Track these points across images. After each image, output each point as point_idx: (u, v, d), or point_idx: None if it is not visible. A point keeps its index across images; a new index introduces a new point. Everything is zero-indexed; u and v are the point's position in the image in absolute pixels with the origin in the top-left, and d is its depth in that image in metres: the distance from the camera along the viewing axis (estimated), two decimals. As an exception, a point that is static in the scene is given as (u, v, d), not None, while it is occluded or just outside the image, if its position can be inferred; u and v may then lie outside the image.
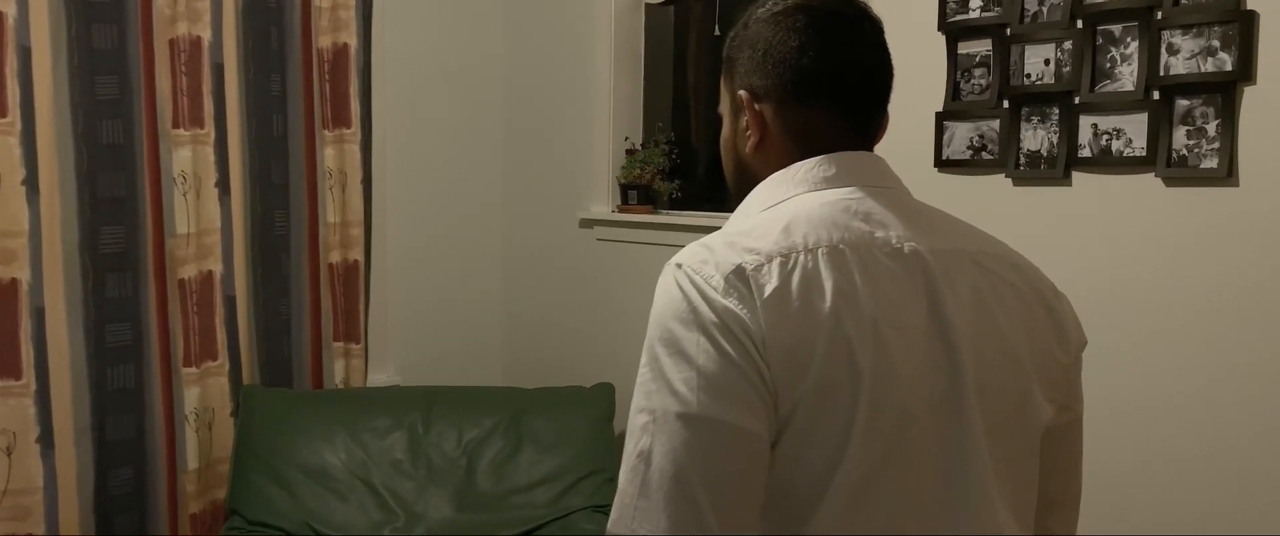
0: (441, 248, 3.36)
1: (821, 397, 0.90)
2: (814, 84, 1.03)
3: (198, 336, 2.77)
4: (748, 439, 0.88)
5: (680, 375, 0.89)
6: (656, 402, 0.90)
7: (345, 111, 3.02)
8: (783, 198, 1.01)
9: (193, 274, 2.76)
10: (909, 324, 0.94)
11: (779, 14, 1.05)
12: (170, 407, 2.74)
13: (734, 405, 0.88)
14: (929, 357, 0.94)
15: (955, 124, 2.30)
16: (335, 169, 3.02)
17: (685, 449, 0.88)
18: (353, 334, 3.09)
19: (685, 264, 0.95)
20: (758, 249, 0.94)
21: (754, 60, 1.06)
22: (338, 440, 2.71)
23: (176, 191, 2.71)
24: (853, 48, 1.04)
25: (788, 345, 0.89)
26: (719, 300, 0.90)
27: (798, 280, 0.91)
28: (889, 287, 0.94)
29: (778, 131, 1.05)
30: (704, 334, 0.89)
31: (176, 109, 2.70)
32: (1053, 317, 1.03)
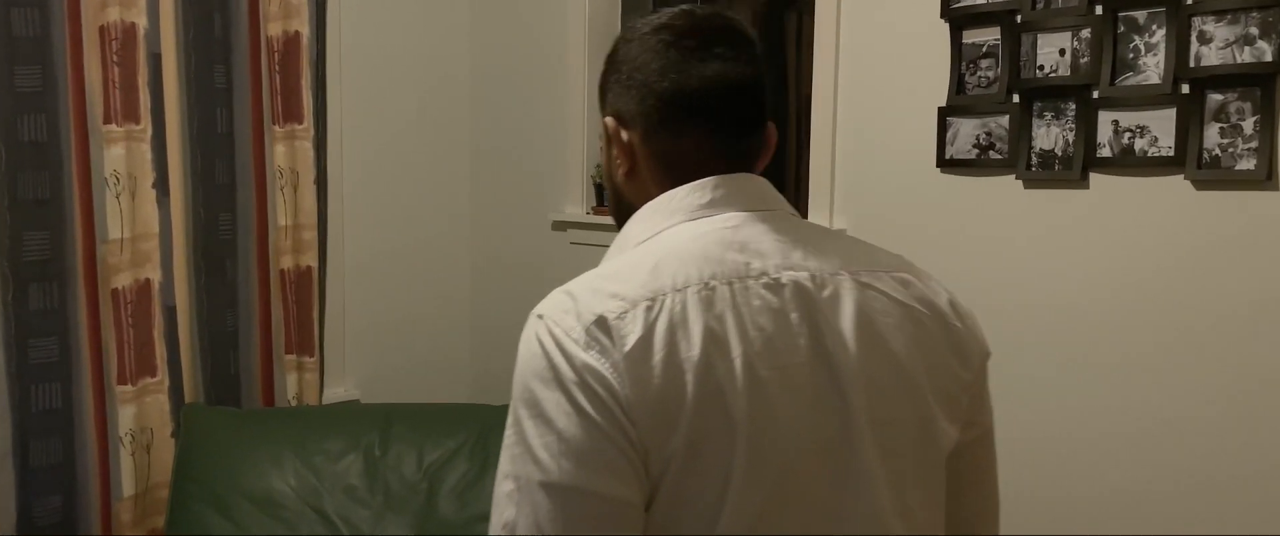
0: (403, 252, 3.14)
1: (694, 454, 0.85)
2: (680, 106, 0.97)
3: (133, 351, 2.54)
4: (615, 507, 0.84)
5: (541, 440, 0.85)
6: (520, 469, 0.85)
7: (297, 105, 2.79)
8: (656, 230, 0.96)
9: (128, 283, 2.53)
10: (791, 362, 0.89)
11: (644, 35, 1.00)
12: (103, 429, 2.51)
13: (598, 472, 0.84)
14: (815, 396, 0.90)
15: (960, 120, 2.11)
16: (286, 167, 2.79)
17: (549, 521, 0.83)
18: (306, 346, 2.86)
19: (546, 315, 0.89)
20: (622, 294, 0.88)
21: (620, 84, 1.01)
22: (287, 463, 2.49)
23: (108, 193, 2.48)
24: (720, 65, 0.97)
25: (654, 400, 0.84)
26: (579, 356, 0.85)
27: (663, 327, 0.86)
28: (767, 324, 0.89)
29: (647, 158, 1.00)
30: (564, 394, 0.85)
31: (108, 102, 2.46)
32: (950, 334, 0.97)
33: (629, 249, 0.97)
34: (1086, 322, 1.96)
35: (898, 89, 2.20)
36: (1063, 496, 2.02)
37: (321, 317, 2.92)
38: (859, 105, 2.27)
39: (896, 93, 2.20)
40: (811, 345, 0.90)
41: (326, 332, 2.96)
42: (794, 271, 0.92)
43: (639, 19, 1.03)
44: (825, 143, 2.33)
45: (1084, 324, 1.97)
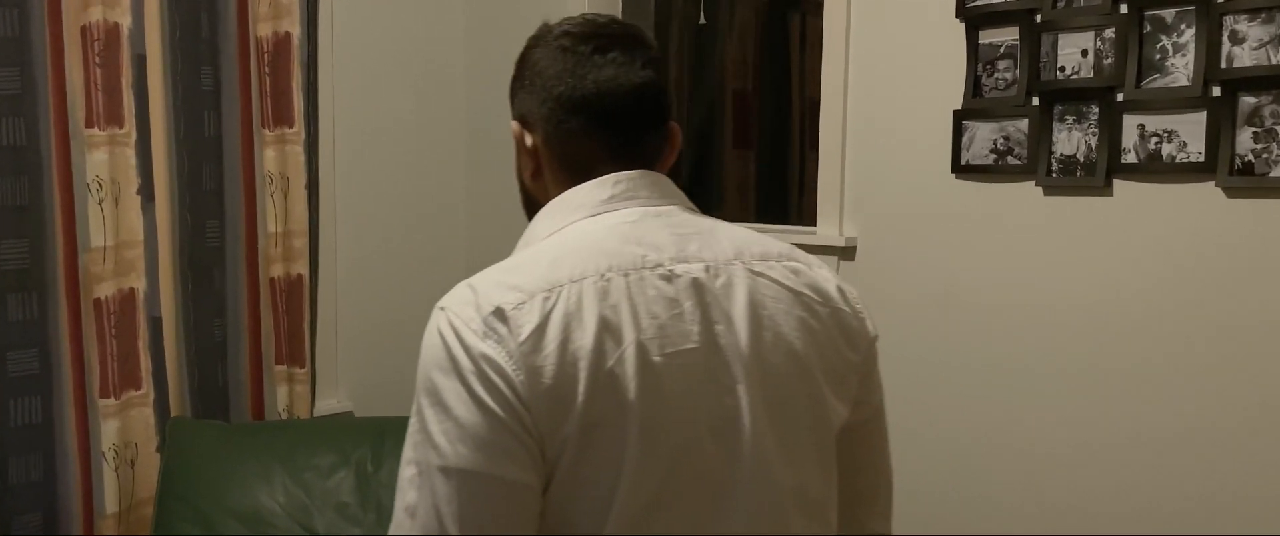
0: (397, 260, 3.05)
1: (589, 438, 0.89)
2: (575, 108, 1.02)
3: (117, 363, 2.45)
4: (512, 490, 0.88)
5: (440, 426, 0.88)
6: (420, 455, 0.89)
7: (287, 108, 2.70)
8: (559, 226, 1.01)
9: (111, 292, 2.44)
10: (683, 347, 0.93)
11: (545, 41, 1.06)
12: (85, 444, 2.41)
13: (495, 456, 0.87)
14: (708, 379, 0.94)
15: (976, 124, 2.02)
16: (276, 172, 2.70)
17: (447, 503, 0.87)
18: (297, 357, 2.77)
19: (448, 307, 0.94)
20: (521, 286, 0.93)
21: (524, 89, 1.07)
22: (276, 480, 2.40)
23: (91, 199, 2.39)
24: (614, 70, 1.02)
25: (548, 386, 0.88)
26: (477, 345, 0.89)
27: (559, 316, 0.91)
28: (661, 313, 0.93)
29: (548, 159, 1.05)
30: (462, 382, 0.89)
31: (90, 105, 2.37)
32: (839, 318, 1.02)
33: (534, 244, 1.02)
34: (1110, 335, 1.88)
35: (911, 91, 2.11)
36: (1081, 507, 1.94)
37: (313, 327, 2.83)
38: (870, 108, 2.19)
39: (910, 95, 2.12)
40: (704, 331, 0.94)
41: (318, 343, 2.87)
42: (688, 263, 0.97)
43: (546, 25, 1.09)
44: (834, 147, 2.24)
45: (1107, 336, 1.88)
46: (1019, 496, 2.00)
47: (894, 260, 2.15)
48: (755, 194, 3.42)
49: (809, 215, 2.70)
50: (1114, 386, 1.88)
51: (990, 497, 2.05)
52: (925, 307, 2.11)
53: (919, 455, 2.11)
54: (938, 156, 2.07)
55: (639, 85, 1.03)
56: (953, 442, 2.09)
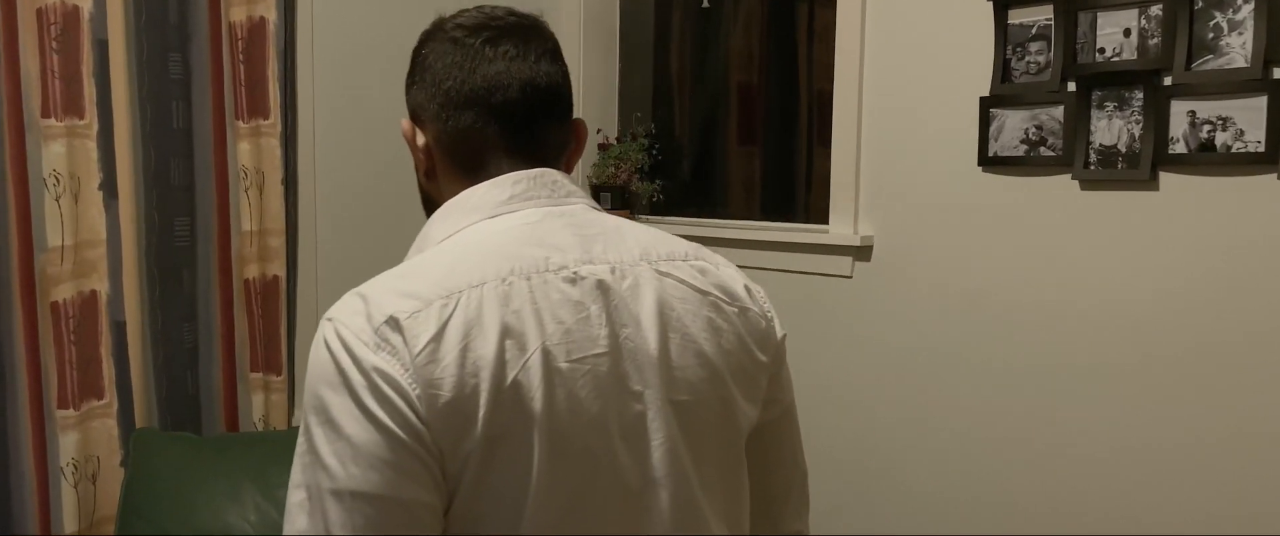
0: (381, 260, 2.87)
1: (493, 451, 0.84)
2: (469, 103, 0.97)
3: (76, 371, 2.28)
4: (411, 511, 0.83)
5: (330, 447, 0.83)
6: (309, 478, 0.83)
7: (263, 98, 2.53)
8: (456, 228, 0.96)
9: (70, 295, 2.27)
10: (590, 352, 0.90)
11: (438, 34, 1.02)
12: (42, 458, 2.24)
13: (392, 477, 0.82)
14: (616, 385, 0.90)
15: (1005, 112, 1.85)
16: (251, 167, 2.53)
17: (341, 528, 0.81)
18: (273, 363, 2.60)
19: (335, 318, 0.87)
20: (417, 293, 0.87)
21: (417, 85, 1.02)
22: (246, 497, 2.23)
23: (47, 195, 2.22)
24: (505, 63, 0.97)
25: (448, 400, 0.83)
26: (369, 358, 0.83)
27: (457, 325, 0.85)
28: (567, 317, 0.89)
29: (441, 157, 1.01)
30: (353, 398, 0.83)
31: (47, 94, 2.21)
32: (747, 319, 0.99)
33: (429, 247, 0.97)
34: (1156, 341, 1.70)
35: (933, 77, 1.94)
36: (1123, 512, 1.77)
37: (291, 332, 2.66)
38: (887, 97, 2.02)
39: (931, 82, 1.94)
40: (611, 335, 0.91)
41: (297, 349, 2.70)
42: (593, 264, 0.92)
43: (440, 17, 1.04)
44: (848, 141, 2.07)
45: (1153, 343, 1.71)
46: (1053, 506, 1.83)
47: (914, 261, 1.98)
48: (761, 191, 3.26)
49: (818, 213, 2.53)
50: (1158, 396, 1.71)
51: (1024, 507, 1.88)
52: (949, 312, 1.93)
53: (945, 466, 1.94)
54: (963, 148, 1.90)
55: (532, 77, 0.98)
56: (980, 455, 1.92)
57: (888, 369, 2.02)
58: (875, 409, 2.05)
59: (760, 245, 2.25)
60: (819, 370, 2.15)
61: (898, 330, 2.00)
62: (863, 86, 2.05)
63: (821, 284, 2.12)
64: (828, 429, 2.14)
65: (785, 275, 2.20)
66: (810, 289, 2.15)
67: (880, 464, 2.05)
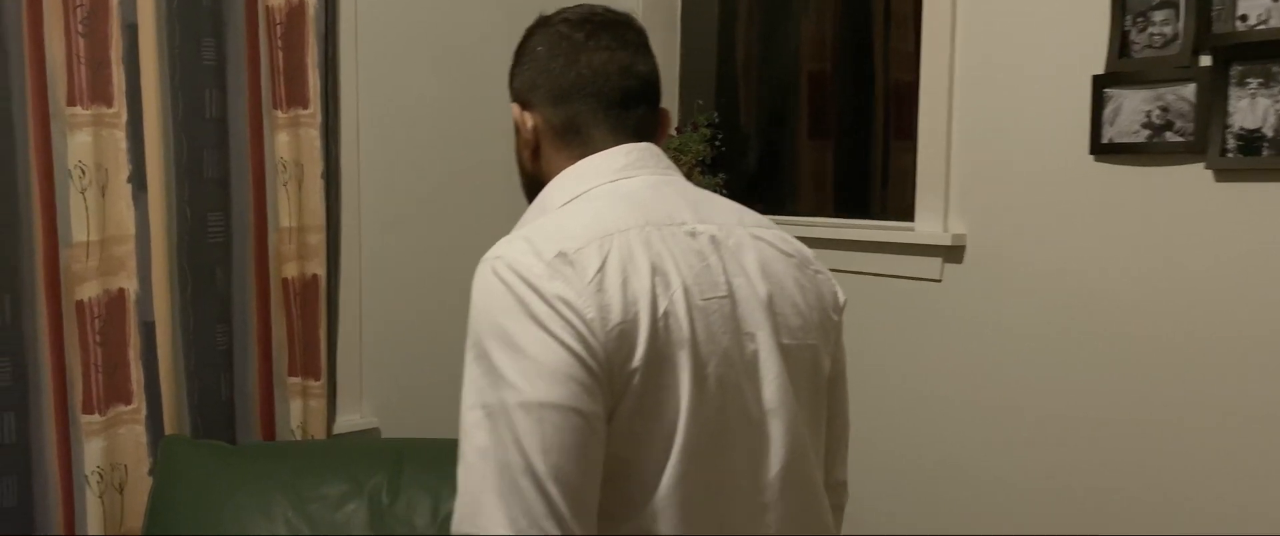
0: (427, 258, 2.72)
1: (651, 372, 0.95)
2: (577, 89, 1.10)
3: (102, 374, 2.16)
4: (589, 423, 0.91)
5: (513, 366, 0.91)
6: (490, 397, 0.91)
7: (302, 87, 2.39)
8: (579, 191, 1.07)
9: (95, 293, 2.14)
10: (715, 295, 1.01)
11: (543, 30, 1.14)
12: (67, 466, 2.12)
13: (574, 389, 0.91)
14: (735, 325, 1.02)
15: (1123, 92, 1.61)
16: (289, 159, 2.39)
17: (529, 437, 0.89)
18: (312, 368, 2.45)
19: (503, 257, 0.97)
20: (574, 235, 0.98)
21: (525, 74, 1.14)
22: (277, 511, 2.08)
23: (72, 187, 2.10)
24: (606, 54, 1.11)
25: (616, 323, 0.93)
26: (547, 285, 0.93)
27: (615, 261, 0.96)
28: (693, 263, 1.01)
29: (549, 137, 1.13)
30: (535, 322, 0.92)
31: (73, 81, 2.09)
32: (818, 282, 1.12)
33: (553, 211, 1.06)
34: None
35: (1036, 55, 1.71)
36: None
37: (331, 335, 2.52)
38: (982, 80, 1.78)
39: (1034, 60, 1.71)
40: (728, 282, 1.02)
41: (338, 352, 2.55)
42: (704, 224, 1.05)
43: (542, 16, 1.17)
44: (937, 130, 1.84)
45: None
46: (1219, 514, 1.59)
47: (1014, 262, 1.74)
48: (833, 187, 3.04)
49: (894, 209, 2.31)
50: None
51: None
52: (1054, 321, 1.69)
53: (1042, 499, 1.71)
54: (1071, 134, 1.66)
55: (630, 66, 1.12)
56: (1084, 492, 1.68)
57: (981, 384, 1.79)
58: (966, 426, 1.82)
59: (838, 244, 2.03)
60: (903, 383, 1.92)
61: (993, 340, 1.77)
62: (954, 68, 1.83)
63: (906, 287, 1.90)
64: (913, 444, 1.92)
65: (865, 278, 1.98)
66: (894, 292, 1.92)
67: (970, 490, 1.82)
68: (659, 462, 0.96)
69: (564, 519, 0.90)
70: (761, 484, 1.05)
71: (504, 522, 0.89)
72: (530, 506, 0.89)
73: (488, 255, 0.99)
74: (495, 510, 0.89)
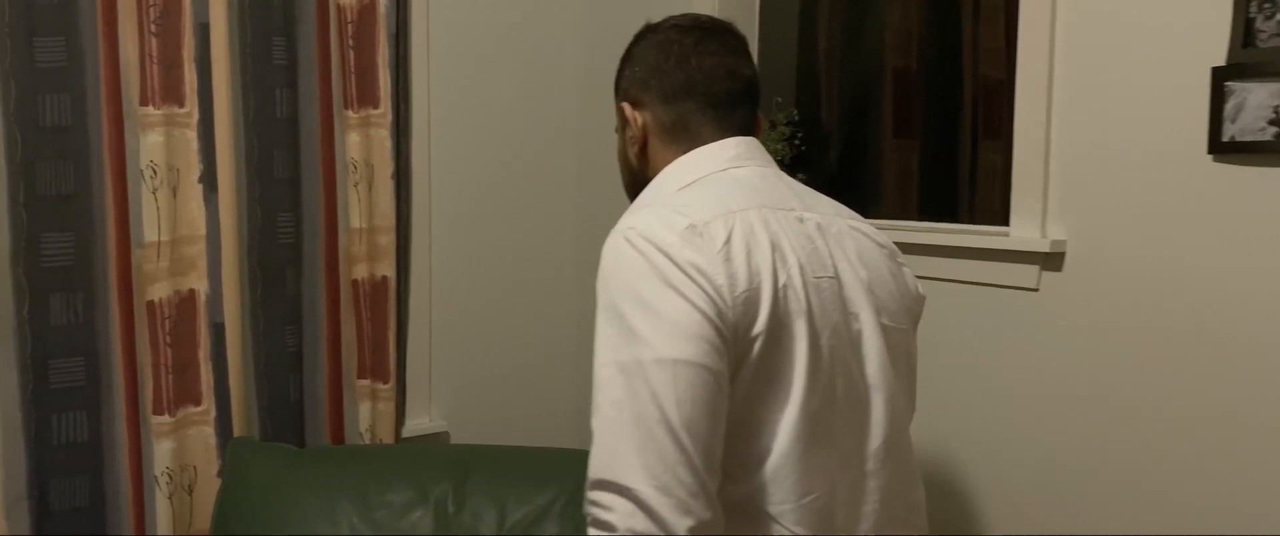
0: (498, 260, 2.67)
1: (772, 338, 1.03)
2: (686, 89, 1.20)
3: (172, 375, 2.15)
4: (718, 381, 0.99)
5: (648, 325, 0.98)
6: (625, 354, 0.98)
7: (373, 86, 2.36)
8: (697, 177, 1.16)
9: (166, 294, 2.14)
10: (825, 274, 1.11)
11: (653, 35, 1.26)
12: (138, 466, 2.12)
13: (705, 347, 0.98)
14: (842, 304, 1.11)
15: (1247, 85, 1.46)
16: (360, 160, 2.36)
17: (664, 390, 0.96)
18: (381, 371, 2.42)
19: (635, 228, 1.05)
20: (699, 212, 1.07)
21: (635, 77, 1.25)
22: (342, 517, 2.05)
23: (144, 187, 2.10)
24: (715, 58, 1.21)
25: (743, 290, 1.02)
26: (681, 252, 1.02)
27: (739, 234, 1.05)
28: (804, 244, 1.11)
29: (659, 133, 1.22)
30: (668, 286, 1.00)
31: (145, 81, 2.08)
32: (904, 274, 1.24)
33: (669, 195, 1.14)
34: None
35: (1146, 47, 1.57)
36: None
37: (401, 337, 2.48)
38: (1084, 74, 1.65)
39: (1144, 52, 1.57)
40: (834, 264, 1.13)
41: (408, 355, 2.52)
42: (810, 212, 1.16)
43: (649, 24, 1.27)
44: (1035, 128, 1.71)
45: None
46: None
47: (1119, 271, 1.61)
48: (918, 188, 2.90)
49: (981, 212, 2.18)
50: None
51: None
52: (1167, 333, 1.55)
53: None
54: (1187, 132, 1.51)
55: (735, 70, 1.22)
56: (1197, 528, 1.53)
57: (1082, 403, 1.66)
58: (1063, 449, 1.69)
59: (924, 249, 1.91)
60: (995, 397, 1.80)
61: (1096, 354, 1.63)
62: (1054, 62, 1.69)
63: (1000, 296, 1.77)
64: (1007, 462, 1.79)
65: (954, 285, 1.85)
66: (985, 301, 1.80)
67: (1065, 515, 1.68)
68: (775, 425, 1.03)
69: (696, 467, 0.95)
70: (865, 453, 1.12)
71: (639, 468, 0.94)
72: (664, 453, 0.95)
73: (618, 227, 1.07)
74: (631, 457, 0.95)
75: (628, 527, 0.94)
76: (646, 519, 0.94)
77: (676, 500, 0.94)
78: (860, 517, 1.11)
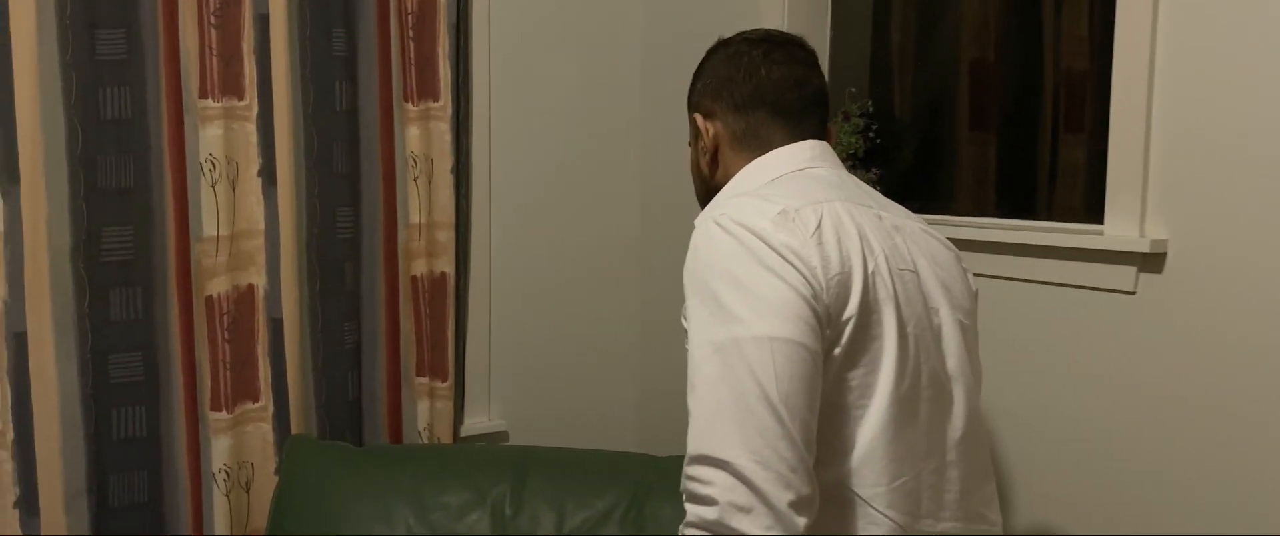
0: (560, 258, 2.61)
1: (862, 322, 1.05)
2: (758, 99, 1.23)
3: (230, 371, 2.13)
4: (814, 359, 1.00)
5: (744, 304, 1.00)
6: (720, 333, 1.00)
7: (433, 79, 2.31)
8: (777, 175, 1.18)
9: (225, 289, 2.12)
10: (907, 268, 1.13)
11: (725, 46, 1.29)
12: (196, 463, 2.10)
13: (801, 326, 1.00)
14: (923, 299, 1.14)
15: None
16: (419, 154, 2.31)
17: (762, 367, 0.97)
18: (439, 369, 2.38)
19: (727, 214, 1.07)
20: (789, 199, 1.09)
21: (708, 88, 1.28)
22: (398, 518, 2.00)
23: (203, 181, 2.07)
24: (784, 69, 1.23)
25: (835, 273, 1.04)
26: (773, 234, 1.03)
27: (829, 222, 1.07)
28: (887, 240, 1.13)
29: (731, 142, 1.25)
30: (763, 267, 1.01)
31: (205, 73, 2.06)
32: (968, 278, 1.27)
33: (750, 189, 1.17)
34: None
35: (1262, 27, 1.44)
36: None
37: (460, 335, 2.44)
38: (1189, 62, 1.53)
39: (1260, 34, 1.44)
40: (913, 260, 1.15)
41: (467, 353, 2.47)
42: (885, 212, 1.19)
43: (721, 39, 1.31)
44: (1133, 118, 1.59)
45: None
46: None
47: (1229, 273, 1.48)
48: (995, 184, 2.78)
49: (1062, 210, 2.06)
50: None
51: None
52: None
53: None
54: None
55: (805, 80, 1.24)
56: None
57: (1184, 411, 1.54)
58: (1163, 463, 1.57)
59: (1007, 248, 1.80)
60: (1086, 408, 1.68)
61: (1200, 363, 1.51)
62: (1155, 49, 1.57)
63: (1092, 300, 1.65)
64: (1098, 479, 1.67)
65: (1040, 287, 1.74)
66: (1076, 305, 1.68)
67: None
68: (865, 409, 1.05)
69: (795, 441, 0.96)
70: (947, 443, 1.13)
71: (738, 443, 0.95)
72: (764, 428, 0.95)
73: (708, 215, 1.09)
74: (730, 431, 0.95)
75: (728, 500, 0.94)
76: (748, 491, 0.94)
77: (777, 474, 0.94)
78: (942, 505, 1.12)
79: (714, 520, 0.95)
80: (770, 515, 0.94)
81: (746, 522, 0.94)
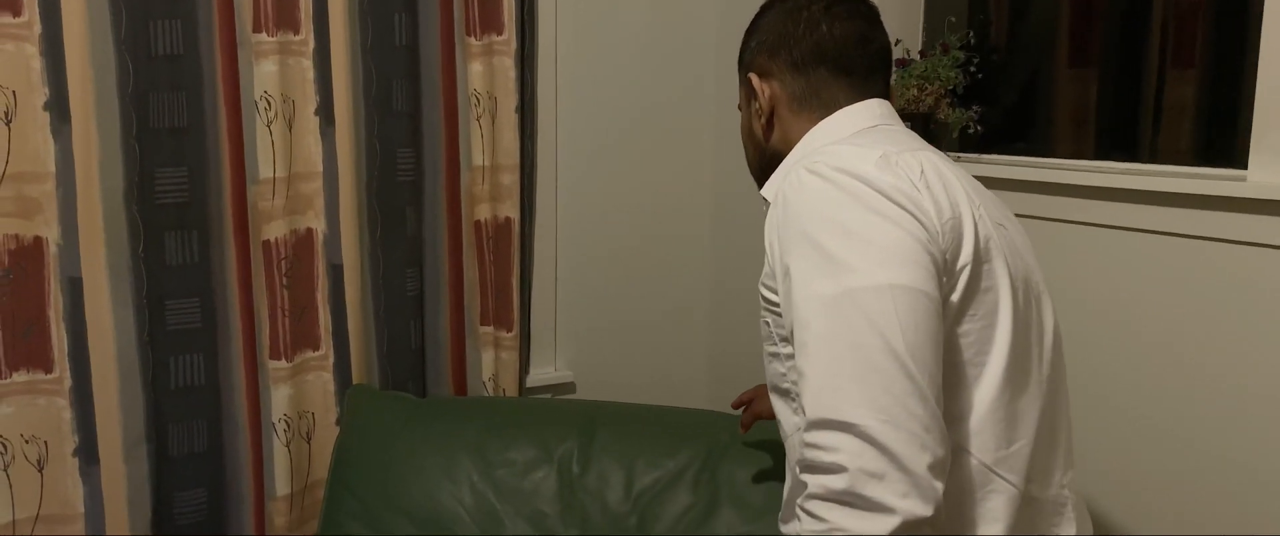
0: (628, 204, 2.47)
1: (977, 271, 0.97)
2: (819, 57, 1.14)
3: (289, 318, 2.05)
4: (933, 303, 0.92)
5: (855, 252, 0.91)
6: (831, 285, 0.90)
7: (496, 10, 2.18)
8: (855, 129, 1.10)
9: (283, 233, 2.03)
10: (1003, 221, 1.07)
11: (780, 2, 1.19)
12: (256, 412, 2.04)
13: (918, 272, 0.91)
14: (1016, 250, 1.05)
15: None
16: (483, 91, 2.19)
17: (882, 316, 0.88)
18: (504, 318, 2.28)
19: (825, 162, 0.98)
20: (884, 144, 1.01)
21: (762, 46, 1.19)
22: (461, 475, 1.92)
23: (259, 120, 1.98)
24: (843, 24, 1.14)
25: (947, 219, 0.96)
26: (880, 178, 0.95)
27: (930, 167, 1.00)
28: (977, 193, 1.05)
29: (789, 102, 1.16)
30: (872, 211, 0.93)
31: (259, 6, 1.96)
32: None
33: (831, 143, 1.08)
34: None
35: None
36: None
37: (525, 282, 2.33)
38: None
39: None
40: (1004, 216, 1.09)
41: (533, 302, 2.37)
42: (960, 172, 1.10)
43: None
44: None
45: None
46: None
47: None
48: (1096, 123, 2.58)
49: (1166, 151, 1.90)
50: None
51: None
52: None
53: None
54: None
55: (863, 36, 1.15)
56: None
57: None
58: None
59: (1120, 194, 1.62)
60: (1226, 378, 1.51)
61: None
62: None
63: (1229, 254, 1.47)
64: (1237, 460, 1.51)
65: (1168, 239, 1.56)
66: (1210, 260, 1.50)
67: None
68: (982, 368, 0.97)
69: (927, 397, 0.87)
70: (1056, 411, 1.06)
71: (862, 402, 0.86)
72: (891, 384, 0.86)
73: (800, 163, 1.00)
74: (852, 390, 0.86)
75: (858, 467, 0.85)
76: (879, 454, 0.84)
77: (910, 433, 0.85)
78: (1052, 468, 1.04)
79: (843, 489, 0.85)
80: (906, 480, 0.84)
81: (881, 490, 0.84)
